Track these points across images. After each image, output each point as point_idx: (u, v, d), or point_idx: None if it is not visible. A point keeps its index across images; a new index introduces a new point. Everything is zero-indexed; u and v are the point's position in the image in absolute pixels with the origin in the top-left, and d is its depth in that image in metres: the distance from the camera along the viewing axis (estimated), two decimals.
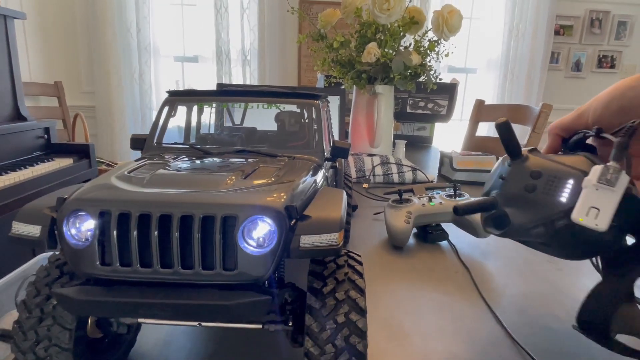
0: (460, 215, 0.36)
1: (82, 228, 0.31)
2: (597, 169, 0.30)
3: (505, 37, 2.86)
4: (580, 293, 0.56)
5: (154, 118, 0.56)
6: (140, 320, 0.36)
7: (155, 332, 0.45)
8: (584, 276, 0.61)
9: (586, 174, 0.31)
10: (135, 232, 0.30)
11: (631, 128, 0.32)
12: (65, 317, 0.33)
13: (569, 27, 3.05)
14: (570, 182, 0.32)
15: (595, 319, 0.36)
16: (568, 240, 0.33)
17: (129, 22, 2.60)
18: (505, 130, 0.34)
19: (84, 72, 2.73)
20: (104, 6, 2.52)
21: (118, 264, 0.31)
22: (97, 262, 0.31)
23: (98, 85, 2.66)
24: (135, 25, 2.61)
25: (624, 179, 0.29)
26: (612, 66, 3.13)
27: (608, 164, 0.30)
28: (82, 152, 1.83)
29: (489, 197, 0.36)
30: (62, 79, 2.37)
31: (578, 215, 0.30)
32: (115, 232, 0.30)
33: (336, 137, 1.19)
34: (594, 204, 0.29)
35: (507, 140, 0.35)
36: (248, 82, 2.74)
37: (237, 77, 2.74)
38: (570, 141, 0.39)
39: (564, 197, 0.32)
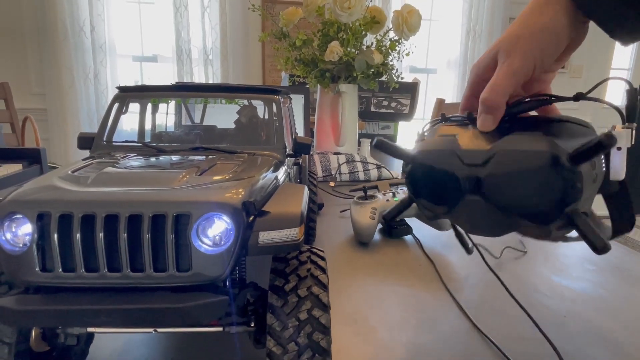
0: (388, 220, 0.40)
1: (19, 232, 0.29)
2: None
3: (463, 38, 2.96)
4: (535, 279, 0.58)
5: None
6: (90, 329, 0.34)
7: (110, 342, 0.42)
8: (539, 263, 0.64)
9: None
10: (79, 235, 0.28)
11: None
12: (3, 330, 0.31)
13: None
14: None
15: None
16: None
17: (82, 20, 2.46)
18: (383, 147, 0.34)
19: (33, 72, 2.56)
20: (54, 3, 2.38)
21: (60, 270, 0.29)
22: (37, 269, 0.29)
23: (49, 86, 2.51)
24: (89, 23, 2.48)
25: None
26: (562, 66, 3.32)
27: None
28: (32, 157, 1.70)
29: (404, 198, 0.38)
30: (9, 80, 2.21)
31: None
32: (56, 236, 0.28)
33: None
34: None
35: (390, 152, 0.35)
36: (211, 82, 2.68)
37: (199, 77, 2.66)
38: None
39: None
